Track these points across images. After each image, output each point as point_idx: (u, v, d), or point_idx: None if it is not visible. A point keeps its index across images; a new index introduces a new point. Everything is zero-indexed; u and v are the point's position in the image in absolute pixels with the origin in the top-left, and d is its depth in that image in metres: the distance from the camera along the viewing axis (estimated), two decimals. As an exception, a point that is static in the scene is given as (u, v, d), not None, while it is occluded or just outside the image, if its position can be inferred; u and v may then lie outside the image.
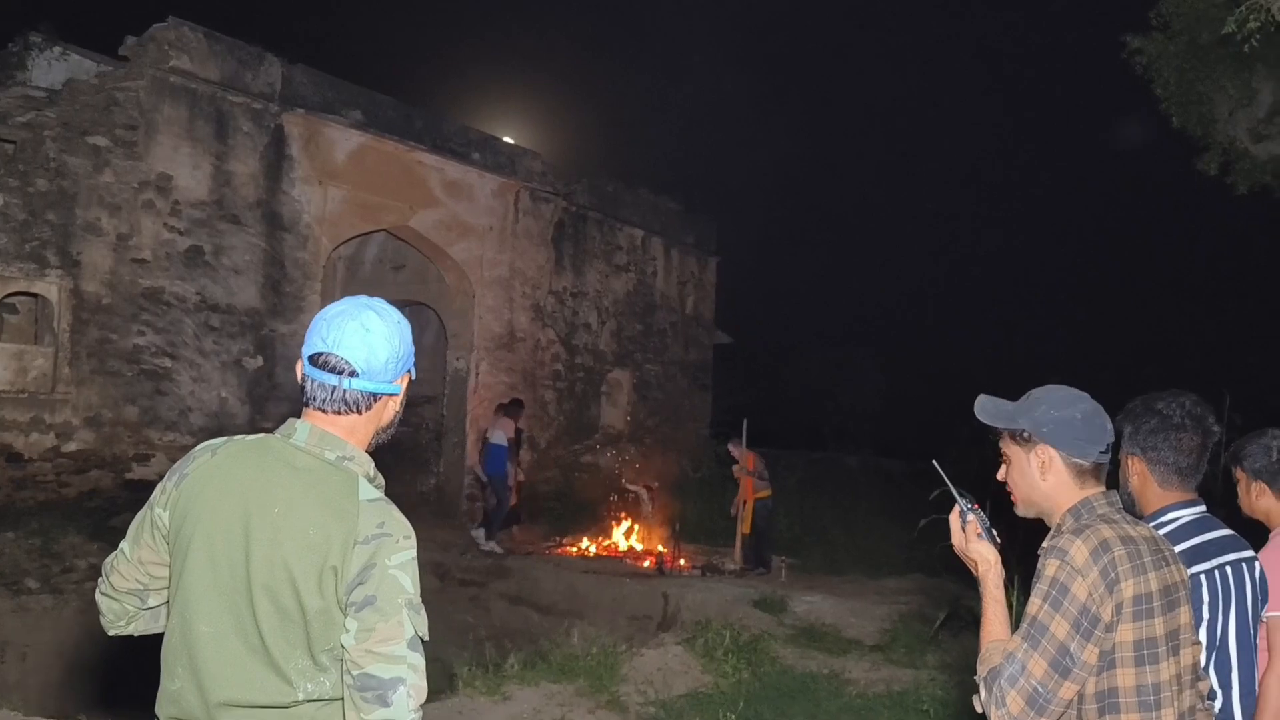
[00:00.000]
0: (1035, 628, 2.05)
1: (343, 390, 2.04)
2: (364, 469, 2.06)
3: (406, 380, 2.19)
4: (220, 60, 10.77)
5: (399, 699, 1.84)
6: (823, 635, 8.12)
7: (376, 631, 1.87)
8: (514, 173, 14.02)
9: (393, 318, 2.12)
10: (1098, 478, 2.27)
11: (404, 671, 1.85)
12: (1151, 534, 2.25)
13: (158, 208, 10.20)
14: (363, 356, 2.04)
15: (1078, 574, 2.06)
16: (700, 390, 17.98)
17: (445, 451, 13.81)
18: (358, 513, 1.95)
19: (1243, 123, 9.60)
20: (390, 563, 1.91)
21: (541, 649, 7.21)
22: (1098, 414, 2.26)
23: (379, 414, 2.14)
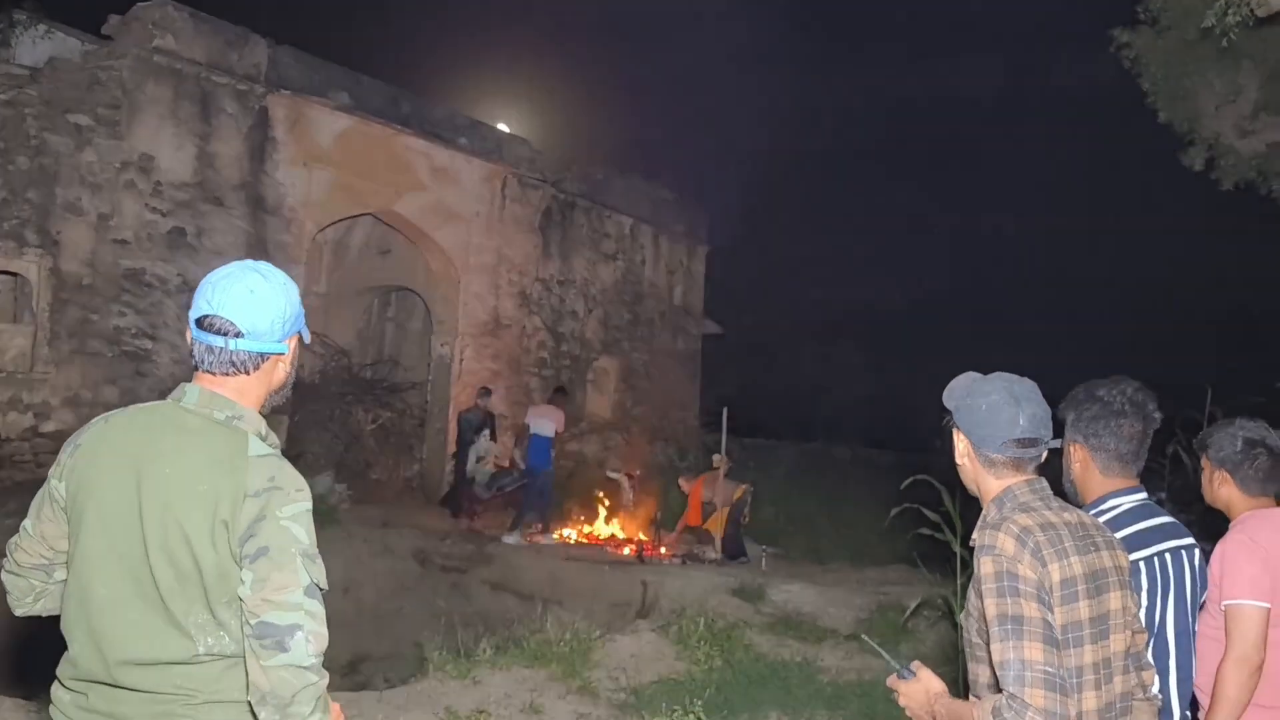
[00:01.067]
0: (1009, 622, 2.00)
1: (229, 351, 2.07)
2: (254, 427, 2.09)
3: (296, 341, 2.22)
4: (205, 40, 10.70)
5: (297, 644, 1.87)
6: (799, 624, 8.11)
7: (271, 580, 1.90)
8: (502, 158, 13.97)
9: (278, 279, 2.14)
10: (1018, 469, 2.23)
11: (301, 618, 1.89)
12: (1081, 519, 2.23)
13: (139, 188, 10.15)
14: (248, 318, 2.07)
15: (1015, 560, 2.05)
16: (688, 379, 17.96)
17: (429, 437, 13.78)
18: (247, 468, 1.98)
19: (1229, 118, 9.57)
20: (282, 514, 1.95)
21: (516, 635, 7.20)
22: (1010, 406, 2.19)
23: (269, 374, 2.17)
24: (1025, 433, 2.18)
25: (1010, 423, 2.19)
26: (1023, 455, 2.21)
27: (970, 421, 2.24)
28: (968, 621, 2.26)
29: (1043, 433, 2.22)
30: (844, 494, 15.28)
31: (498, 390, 13.91)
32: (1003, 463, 2.22)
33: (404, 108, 12.68)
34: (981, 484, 2.28)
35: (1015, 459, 2.21)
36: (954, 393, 2.32)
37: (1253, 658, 2.74)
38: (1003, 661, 1.98)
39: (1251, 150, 9.42)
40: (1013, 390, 2.21)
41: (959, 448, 2.32)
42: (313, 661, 1.91)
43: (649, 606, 9.11)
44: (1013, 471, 2.23)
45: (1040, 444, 2.22)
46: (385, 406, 14.36)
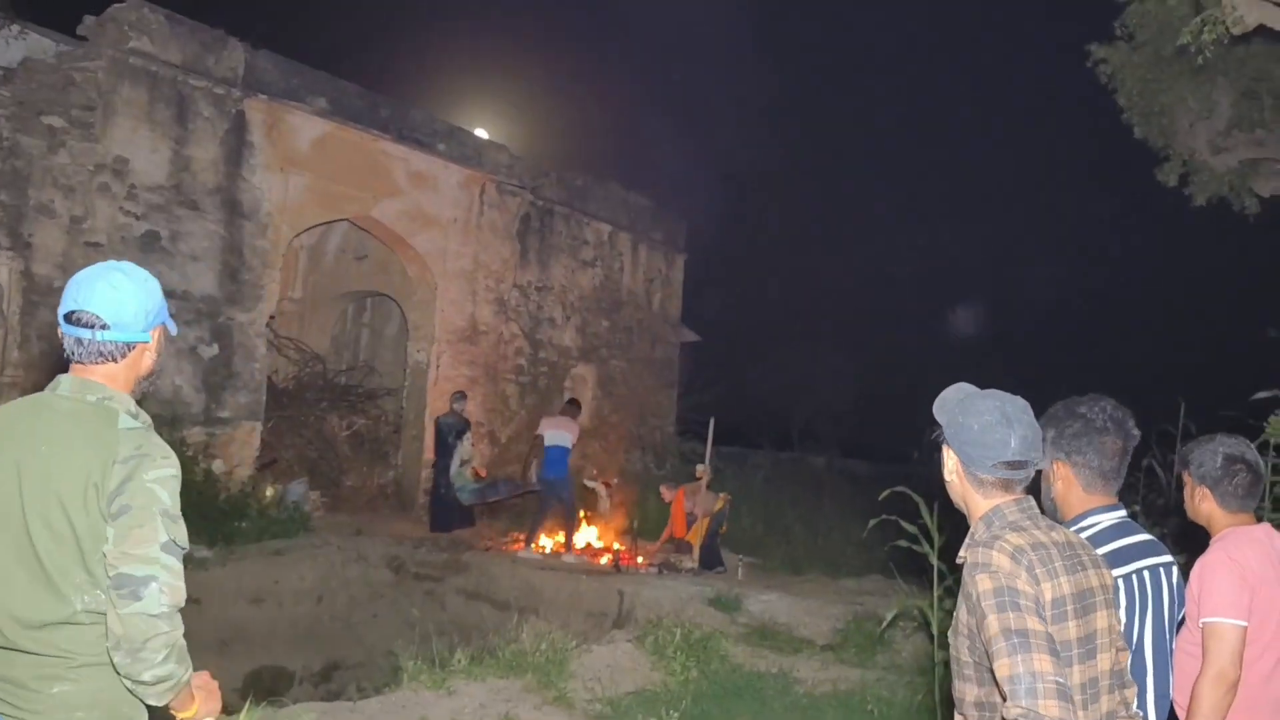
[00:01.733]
0: (1014, 636, 1.98)
1: (96, 343, 2.30)
2: (125, 406, 2.31)
3: (160, 333, 2.45)
4: (181, 43, 10.61)
5: (150, 594, 2.08)
6: (775, 634, 8.11)
7: (131, 536, 2.11)
8: (480, 165, 13.92)
9: (139, 276, 2.39)
10: (1007, 489, 2.23)
11: (156, 570, 2.10)
12: (1069, 538, 2.23)
13: (113, 191, 10.04)
14: (112, 310, 2.29)
15: (1013, 575, 2.05)
16: (666, 388, 17.95)
17: (404, 444, 13.70)
18: (117, 439, 2.21)
19: (1202, 135, 9.66)
20: (147, 477, 2.16)
21: (491, 644, 7.16)
22: (1002, 427, 2.18)
23: (136, 363, 2.39)
24: (1017, 455, 2.18)
25: (1002, 444, 2.17)
26: (1012, 476, 2.21)
27: (961, 440, 2.24)
28: (955, 639, 2.24)
29: (1032, 455, 2.20)
30: (820, 504, 15.32)
31: (474, 397, 13.85)
32: (992, 483, 2.22)
33: (382, 113, 12.62)
34: (969, 502, 2.28)
35: (1005, 480, 2.21)
36: (945, 406, 2.30)
37: (1229, 674, 2.75)
38: (1012, 676, 1.94)
39: (1224, 167, 9.52)
40: (1005, 410, 2.20)
41: (948, 464, 2.31)
42: (163, 611, 2.09)
43: (625, 616, 9.07)
44: (1001, 491, 2.23)
45: (1030, 465, 2.21)
46: (360, 413, 14.28)
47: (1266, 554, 2.94)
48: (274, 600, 9.64)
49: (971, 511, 2.28)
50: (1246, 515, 3.05)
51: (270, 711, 5.10)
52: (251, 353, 11.29)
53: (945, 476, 2.33)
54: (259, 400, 11.44)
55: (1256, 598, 2.84)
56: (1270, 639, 2.90)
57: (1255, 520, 3.08)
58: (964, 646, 2.20)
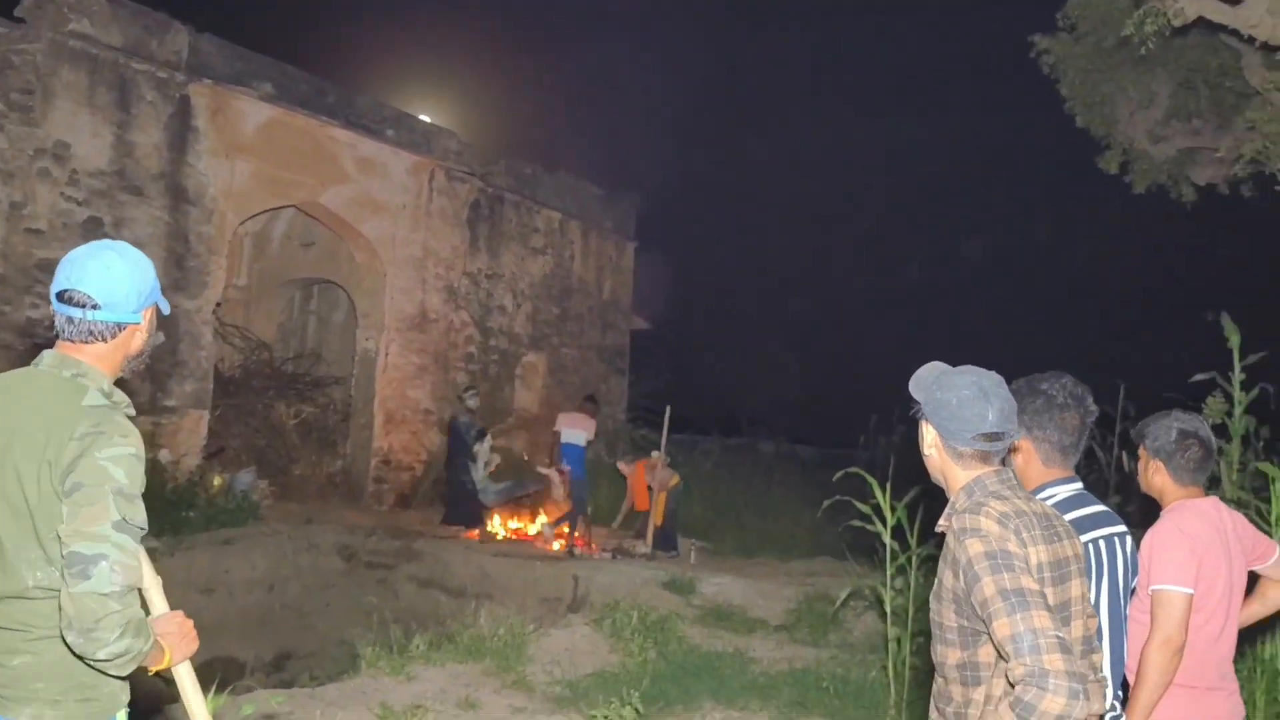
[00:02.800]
0: (1011, 595, 2.02)
1: (87, 322, 2.31)
2: (96, 383, 2.30)
3: (152, 313, 2.47)
4: (124, 25, 10.40)
5: (100, 572, 2.06)
6: (730, 615, 8.21)
7: (83, 513, 2.10)
8: (429, 151, 13.83)
9: (132, 256, 2.39)
10: (985, 461, 2.30)
11: (107, 549, 2.08)
12: (1044, 509, 2.32)
13: (54, 176, 9.83)
14: (104, 290, 2.30)
15: (1004, 539, 2.11)
16: (616, 375, 17.99)
17: (353, 433, 13.59)
18: (79, 416, 2.20)
19: (1142, 124, 9.92)
20: (101, 455, 2.15)
21: (449, 630, 7.17)
22: (979, 400, 2.25)
23: (126, 343, 2.40)
24: (994, 427, 2.25)
25: (980, 417, 2.25)
26: (990, 448, 2.28)
27: (940, 415, 2.31)
28: (939, 604, 2.30)
29: (1009, 427, 2.28)
30: (769, 488, 15.48)
31: (424, 385, 13.79)
32: (970, 455, 2.29)
33: (329, 98, 12.48)
34: (949, 474, 2.35)
35: (983, 451, 2.29)
36: (922, 383, 2.38)
37: (1175, 640, 2.87)
38: (1014, 635, 1.98)
39: (1163, 155, 9.78)
40: (982, 385, 2.28)
41: (927, 438, 2.39)
42: (114, 590, 2.07)
43: (580, 601, 9.13)
44: (979, 463, 2.30)
45: (1007, 437, 2.29)
46: (308, 401, 14.13)
47: (1214, 526, 3.07)
48: (224, 590, 9.56)
49: (951, 484, 2.36)
50: (1196, 489, 3.18)
51: (235, 699, 5.07)
52: (198, 340, 11.14)
53: (924, 451, 2.41)
54: (206, 389, 11.28)
55: (1203, 566, 2.97)
56: (1215, 606, 3.04)
57: (1204, 494, 3.20)
58: (949, 610, 2.25)
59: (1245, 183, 9.40)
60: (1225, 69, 9.21)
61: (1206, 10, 6.58)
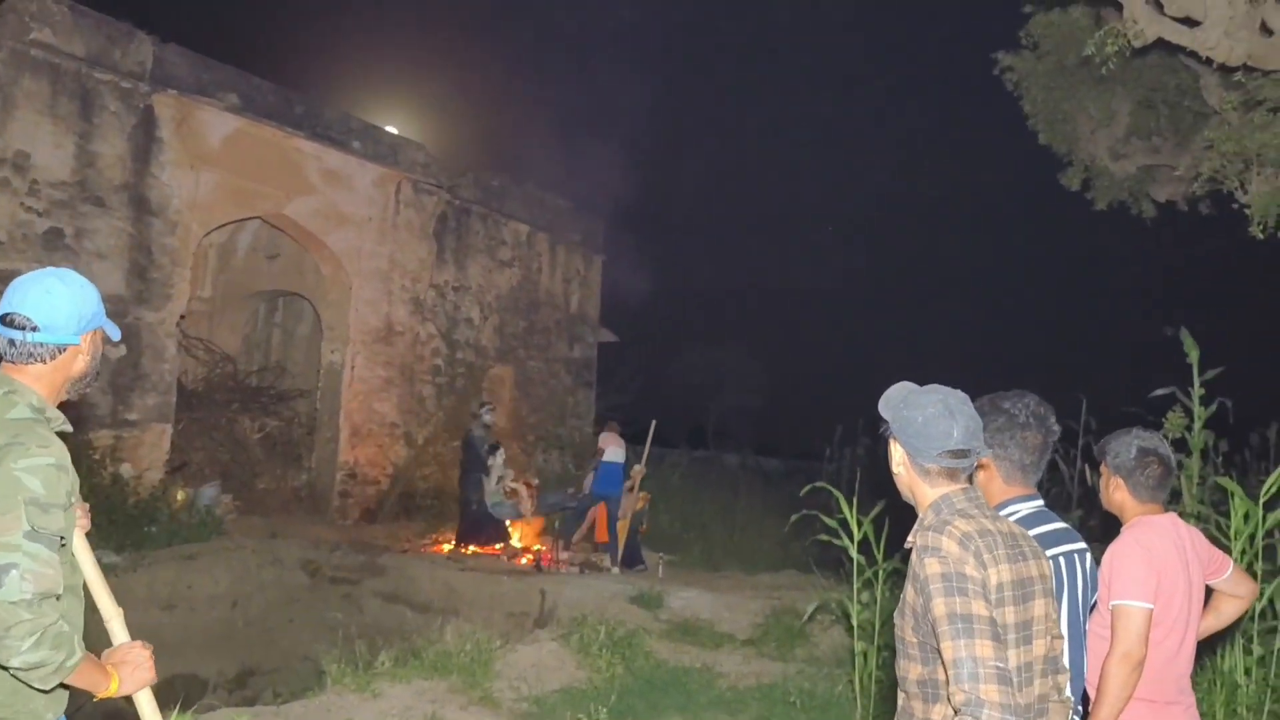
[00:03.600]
0: (959, 620, 2.07)
1: (27, 344, 2.37)
2: (27, 399, 2.34)
3: (94, 337, 2.52)
4: (86, 35, 10.30)
5: (10, 581, 2.08)
6: (697, 630, 8.21)
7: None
8: (396, 163, 13.79)
9: (75, 282, 2.46)
10: (952, 478, 2.33)
11: (17, 558, 2.10)
12: (1011, 528, 2.35)
13: (14, 186, 9.69)
14: (43, 314, 2.37)
15: (961, 561, 2.14)
16: (584, 387, 17.98)
17: (318, 446, 13.48)
18: (2, 429, 2.24)
19: (1103, 141, 10.07)
20: (15, 466, 2.18)
21: (414, 646, 7.12)
22: (944, 418, 2.28)
23: (67, 365, 2.45)
24: (959, 444, 2.28)
25: (945, 435, 2.28)
26: (956, 465, 2.31)
27: (907, 432, 2.34)
28: (901, 619, 2.34)
29: (975, 444, 2.31)
30: (735, 501, 15.52)
31: (389, 398, 13.71)
32: (937, 472, 2.32)
33: (296, 110, 12.41)
34: (917, 492, 2.38)
35: (949, 469, 2.31)
36: (890, 403, 2.41)
37: (1135, 654, 2.91)
38: (955, 659, 2.04)
39: (1124, 172, 9.93)
40: (948, 403, 2.31)
41: (895, 457, 2.41)
42: (24, 598, 2.09)
43: (547, 616, 9.09)
44: (947, 480, 2.33)
45: (973, 454, 2.32)
46: (272, 415, 14.02)
47: (1172, 541, 3.12)
48: (186, 605, 9.43)
49: (919, 501, 2.39)
50: (1156, 505, 3.23)
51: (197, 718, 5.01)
52: (160, 353, 11.01)
53: (893, 469, 2.44)
54: (169, 402, 11.15)
55: (1162, 582, 3.01)
56: (1174, 620, 3.08)
57: (1164, 510, 3.25)
58: (909, 626, 2.29)
59: (1203, 200, 9.57)
60: (1184, 89, 9.36)
61: (1165, 32, 6.70)
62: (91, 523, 2.69)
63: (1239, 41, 6.56)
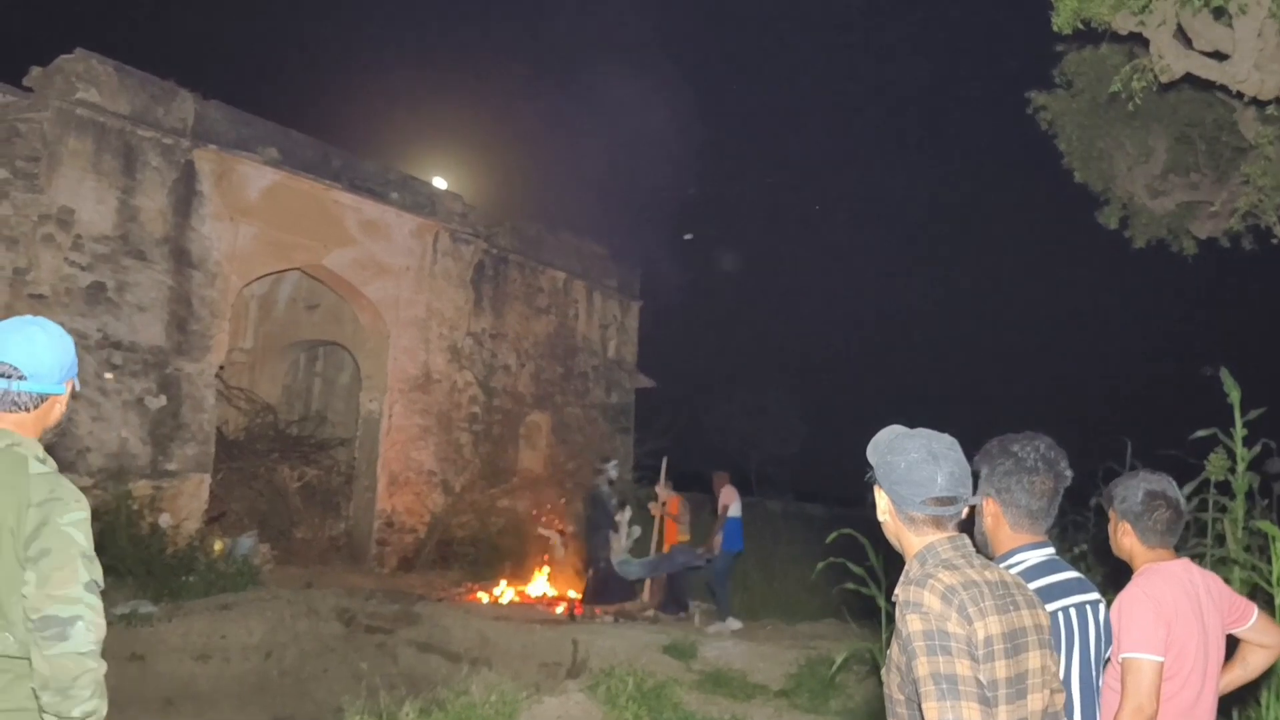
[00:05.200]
0: (943, 681, 1.99)
1: (13, 393, 2.37)
2: (33, 452, 2.36)
3: (71, 386, 2.53)
4: (130, 94, 10.57)
5: (77, 633, 2.14)
6: (729, 681, 8.05)
7: (53, 579, 2.17)
8: (433, 213, 13.95)
9: (55, 331, 2.49)
10: (939, 526, 2.23)
11: (81, 610, 2.16)
12: (1002, 577, 2.24)
13: (58, 241, 9.92)
14: (29, 362, 2.39)
15: (943, 617, 2.05)
16: (621, 433, 17.93)
17: (356, 495, 13.53)
18: (29, 484, 2.26)
19: (1140, 178, 9.92)
20: (62, 521, 2.22)
21: (440, 697, 7.04)
22: (928, 464, 2.20)
23: (46, 413, 2.46)
24: (944, 491, 2.19)
25: (929, 481, 2.19)
26: (942, 513, 2.21)
27: (890, 479, 2.25)
28: (888, 676, 2.25)
29: (961, 491, 2.22)
30: (776, 548, 15.30)
31: (427, 446, 13.74)
32: (922, 520, 2.22)
33: (334, 163, 12.62)
34: (903, 540, 2.28)
35: (935, 516, 2.21)
36: (877, 448, 2.32)
37: (1147, 709, 2.77)
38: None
39: (1163, 210, 9.76)
40: (931, 448, 2.22)
41: (880, 504, 2.32)
42: (92, 648, 2.16)
43: (580, 666, 8.97)
44: (933, 528, 2.23)
45: (959, 501, 2.22)
46: (311, 464, 14.11)
47: (1183, 588, 2.98)
48: (221, 656, 9.43)
49: (906, 550, 2.29)
50: (1166, 551, 3.09)
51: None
52: (200, 404, 11.15)
53: (879, 517, 2.34)
54: (208, 452, 11.27)
55: (1172, 632, 2.87)
56: (1189, 672, 2.94)
57: (1174, 555, 3.12)
58: (894, 683, 2.21)
59: (1244, 236, 9.37)
60: (1221, 123, 9.21)
61: (1194, 67, 6.60)
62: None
63: (1270, 74, 6.43)
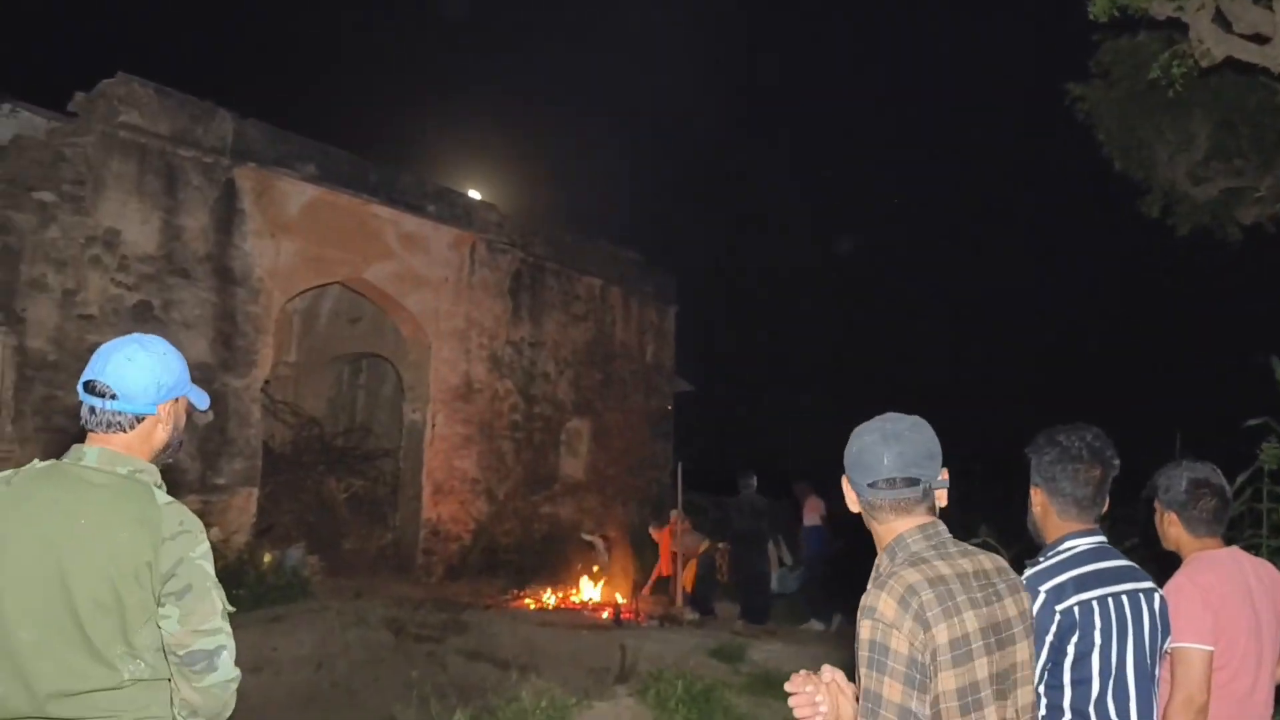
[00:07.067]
0: (871, 700, 1.93)
1: (106, 412, 2.38)
2: (154, 478, 2.40)
3: (173, 407, 2.50)
4: (171, 115, 10.75)
5: (223, 662, 2.27)
6: (779, 682, 7.98)
7: (196, 614, 2.25)
8: (470, 225, 14.05)
9: (157, 350, 2.45)
10: (904, 512, 2.11)
11: (223, 639, 2.28)
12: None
13: (105, 263, 10.11)
14: (121, 382, 2.37)
15: (892, 628, 1.94)
16: (661, 438, 17.94)
17: (402, 505, 13.65)
18: (160, 517, 2.30)
19: (1182, 166, 9.80)
20: (194, 555, 2.29)
21: (490, 705, 7.08)
22: (878, 445, 2.11)
23: (148, 435, 2.44)
24: (890, 472, 2.08)
25: (876, 463, 2.09)
26: (898, 497, 2.10)
27: (848, 466, 2.18)
28: None
29: (916, 472, 2.09)
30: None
31: (469, 455, 13.83)
32: (881, 505, 2.12)
33: (371, 177, 12.75)
34: (872, 531, 2.18)
35: (893, 501, 2.10)
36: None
37: (1197, 699, 2.75)
38: None
39: (1205, 196, 9.64)
40: (885, 430, 2.13)
41: (847, 495, 2.24)
42: (235, 674, 2.31)
43: (628, 670, 8.99)
44: (894, 514, 2.12)
45: (919, 483, 2.09)
46: (357, 475, 14.25)
47: (1231, 576, 2.95)
48: (272, 668, 9.54)
49: (878, 542, 2.17)
50: (1214, 540, 3.06)
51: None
52: (246, 419, 11.30)
53: (850, 508, 2.25)
54: (255, 466, 11.42)
55: (1220, 620, 2.84)
56: (1241, 661, 2.91)
57: (1222, 544, 3.08)
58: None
59: (1291, 220, 9.23)
60: (1264, 106, 9.08)
61: (1234, 50, 6.51)
62: None
63: (1314, 56, 6.33)
